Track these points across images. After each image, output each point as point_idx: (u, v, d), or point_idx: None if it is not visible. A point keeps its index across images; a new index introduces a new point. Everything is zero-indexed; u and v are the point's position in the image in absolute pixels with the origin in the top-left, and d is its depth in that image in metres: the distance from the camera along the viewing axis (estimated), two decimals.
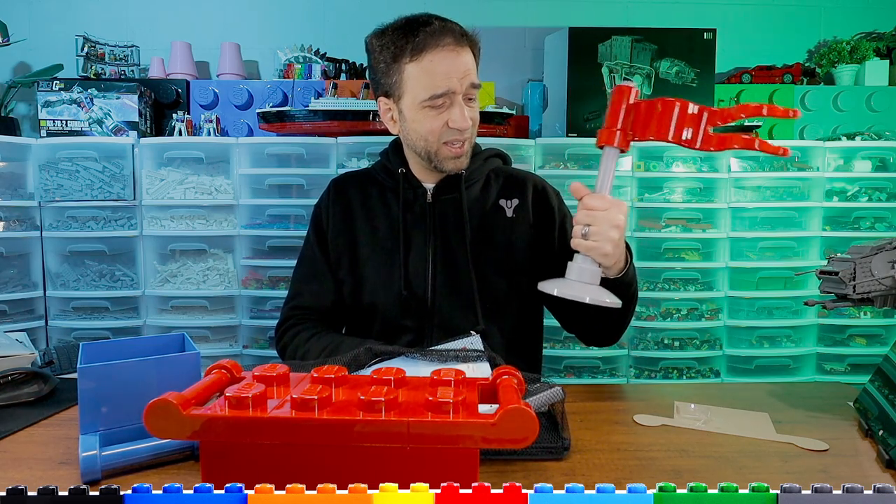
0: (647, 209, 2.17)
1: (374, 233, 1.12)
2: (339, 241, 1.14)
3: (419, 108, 1.02)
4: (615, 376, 2.22)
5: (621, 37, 2.17)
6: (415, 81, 1.01)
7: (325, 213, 1.16)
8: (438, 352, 0.84)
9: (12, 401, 0.94)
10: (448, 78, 0.99)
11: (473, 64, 1.04)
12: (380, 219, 1.13)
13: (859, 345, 2.22)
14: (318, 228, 1.17)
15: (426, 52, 0.99)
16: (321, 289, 1.14)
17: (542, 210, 1.14)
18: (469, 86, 1.02)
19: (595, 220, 0.82)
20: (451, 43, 0.99)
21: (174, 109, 2.29)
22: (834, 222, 2.20)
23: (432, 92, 0.99)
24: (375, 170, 1.18)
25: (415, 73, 1.00)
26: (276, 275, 2.15)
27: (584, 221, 0.83)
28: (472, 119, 1.04)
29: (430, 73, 0.99)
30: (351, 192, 1.17)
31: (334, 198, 1.17)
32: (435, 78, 0.99)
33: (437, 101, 1.00)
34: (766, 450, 0.77)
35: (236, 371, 0.61)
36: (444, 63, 0.99)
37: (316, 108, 2.07)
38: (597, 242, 0.82)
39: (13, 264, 2.09)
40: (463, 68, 1.00)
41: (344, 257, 1.13)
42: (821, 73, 2.54)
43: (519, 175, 1.17)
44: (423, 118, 1.03)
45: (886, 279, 0.85)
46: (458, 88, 1.00)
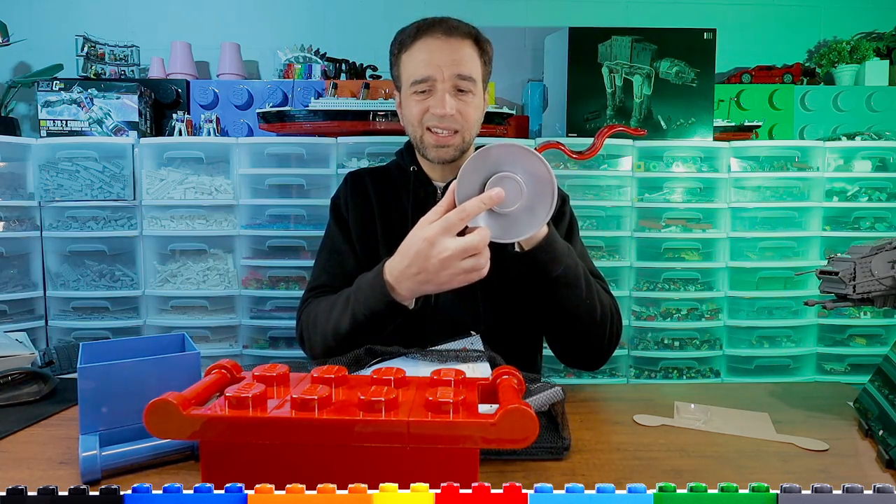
0: (647, 209, 2.16)
1: (386, 228, 1.13)
2: (358, 231, 1.14)
3: (408, 95, 1.06)
4: (615, 376, 2.22)
5: (621, 37, 2.17)
6: (405, 69, 1.06)
7: (345, 205, 1.17)
8: (438, 352, 0.84)
9: (12, 401, 0.94)
10: (428, 64, 1.02)
11: (470, 56, 1.05)
12: (392, 215, 1.14)
13: (859, 345, 2.22)
14: (339, 217, 1.17)
15: (417, 41, 1.04)
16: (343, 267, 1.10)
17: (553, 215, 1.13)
18: (455, 76, 1.02)
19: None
20: (439, 32, 1.03)
21: (174, 109, 2.29)
22: (834, 222, 2.20)
23: (414, 77, 1.03)
24: (390, 167, 1.20)
25: (406, 62, 1.06)
26: (277, 275, 2.15)
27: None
28: (462, 112, 1.05)
29: (415, 59, 1.04)
30: (368, 185, 1.18)
31: (352, 190, 1.18)
32: (418, 64, 1.03)
33: (420, 87, 1.04)
34: (766, 450, 0.77)
35: (236, 371, 0.61)
36: (427, 50, 1.03)
37: (316, 108, 2.07)
38: None
39: (13, 264, 2.08)
40: (448, 57, 1.02)
41: (362, 247, 1.13)
42: (821, 73, 2.54)
43: None
44: (410, 104, 1.07)
45: (886, 279, 0.85)
46: (440, 76, 1.02)
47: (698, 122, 2.17)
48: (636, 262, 2.16)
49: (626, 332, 2.16)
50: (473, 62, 1.05)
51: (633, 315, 2.18)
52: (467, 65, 1.04)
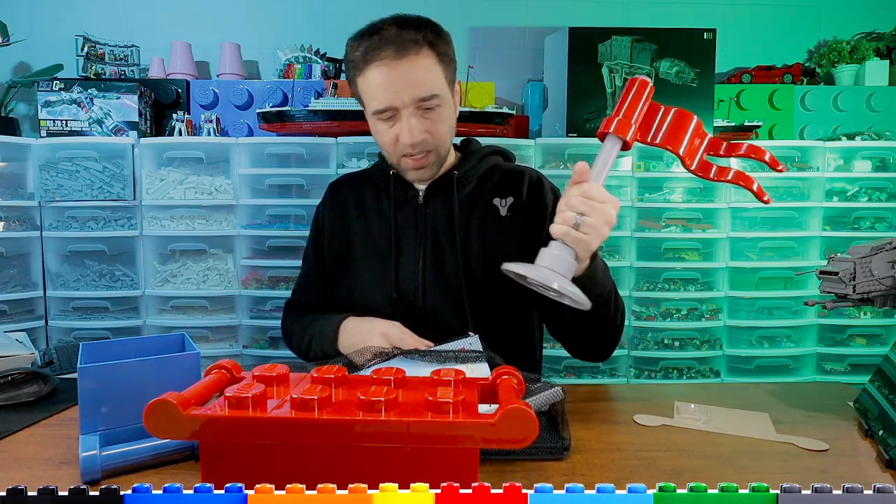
0: (647, 209, 2.16)
1: (368, 234, 1.13)
2: (335, 245, 1.15)
3: (374, 121, 1.02)
4: (615, 376, 2.22)
5: (621, 37, 2.17)
6: (363, 93, 1.00)
7: (322, 218, 1.18)
8: (437, 352, 0.84)
9: (12, 401, 0.94)
10: (385, 93, 0.95)
11: (427, 70, 0.96)
12: (374, 220, 1.13)
13: (859, 345, 2.22)
14: (316, 233, 1.19)
15: (368, 65, 0.96)
16: (311, 290, 1.20)
17: (535, 203, 1.11)
18: (416, 99, 0.95)
19: (592, 210, 0.74)
20: (388, 56, 0.94)
21: (174, 109, 2.29)
22: (834, 222, 2.20)
23: (375, 107, 0.98)
24: (372, 171, 1.18)
25: (362, 86, 1.00)
26: (276, 275, 2.15)
27: (579, 209, 0.74)
28: (431, 131, 0.99)
29: (371, 86, 0.97)
30: (346, 194, 1.18)
31: (330, 202, 1.19)
32: (375, 92, 0.97)
33: (383, 115, 0.98)
34: (766, 450, 0.77)
35: (236, 371, 0.61)
36: (380, 77, 0.95)
37: (316, 108, 2.07)
38: (587, 236, 0.75)
39: (13, 264, 2.08)
40: (404, 81, 0.94)
41: (341, 260, 1.14)
42: (821, 73, 2.54)
43: (516, 170, 1.15)
44: (379, 130, 1.02)
45: (886, 279, 0.85)
46: (400, 103, 0.96)
47: None
48: (636, 262, 2.16)
49: (627, 332, 2.16)
50: (433, 75, 0.97)
51: (633, 315, 2.18)
52: (427, 83, 0.96)
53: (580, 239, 0.75)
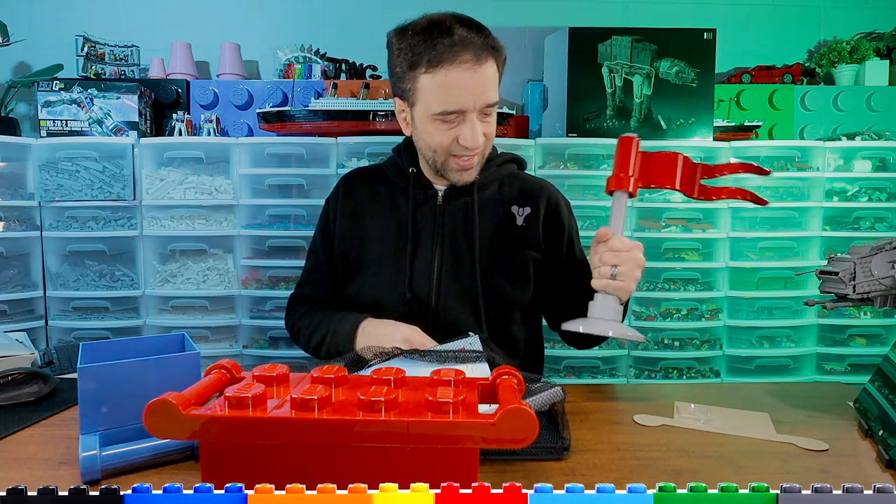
0: (647, 209, 2.16)
1: (382, 232, 1.12)
2: (346, 240, 1.14)
3: (430, 120, 1.00)
4: (615, 376, 2.22)
5: (621, 37, 2.17)
6: (428, 93, 0.98)
7: (334, 212, 1.16)
8: (437, 353, 0.84)
9: (12, 401, 0.94)
10: (461, 96, 0.96)
11: (494, 79, 1.00)
12: (389, 218, 1.12)
13: (859, 345, 2.22)
14: (325, 227, 1.17)
15: (442, 66, 0.95)
16: (320, 285, 1.18)
17: (553, 224, 1.13)
18: (484, 105, 0.99)
19: (622, 260, 0.87)
20: (469, 60, 0.95)
21: (174, 109, 2.29)
22: (834, 222, 2.20)
23: (444, 108, 0.97)
24: (387, 167, 1.17)
25: (429, 85, 0.97)
26: (277, 275, 2.15)
27: (611, 262, 0.87)
28: (486, 134, 1.02)
29: (444, 87, 0.96)
30: (360, 189, 1.17)
31: (343, 196, 1.17)
32: (448, 94, 0.96)
33: (449, 117, 0.98)
34: (766, 450, 0.77)
35: (236, 371, 0.61)
36: (459, 80, 0.96)
37: (316, 108, 2.07)
38: (624, 282, 0.87)
39: (13, 264, 2.08)
40: (479, 86, 0.97)
41: (351, 255, 1.13)
42: (821, 73, 2.54)
43: (535, 184, 1.16)
44: (433, 130, 1.01)
45: (886, 279, 0.85)
46: (472, 107, 0.97)
47: (698, 122, 2.17)
48: None
49: None
50: (496, 83, 1.01)
51: (633, 315, 2.18)
52: (494, 90, 1.00)
53: (619, 287, 0.87)
